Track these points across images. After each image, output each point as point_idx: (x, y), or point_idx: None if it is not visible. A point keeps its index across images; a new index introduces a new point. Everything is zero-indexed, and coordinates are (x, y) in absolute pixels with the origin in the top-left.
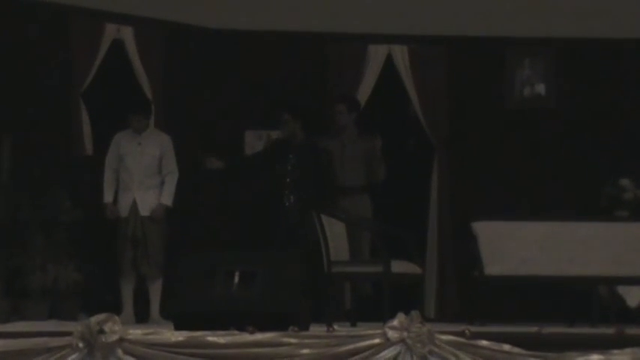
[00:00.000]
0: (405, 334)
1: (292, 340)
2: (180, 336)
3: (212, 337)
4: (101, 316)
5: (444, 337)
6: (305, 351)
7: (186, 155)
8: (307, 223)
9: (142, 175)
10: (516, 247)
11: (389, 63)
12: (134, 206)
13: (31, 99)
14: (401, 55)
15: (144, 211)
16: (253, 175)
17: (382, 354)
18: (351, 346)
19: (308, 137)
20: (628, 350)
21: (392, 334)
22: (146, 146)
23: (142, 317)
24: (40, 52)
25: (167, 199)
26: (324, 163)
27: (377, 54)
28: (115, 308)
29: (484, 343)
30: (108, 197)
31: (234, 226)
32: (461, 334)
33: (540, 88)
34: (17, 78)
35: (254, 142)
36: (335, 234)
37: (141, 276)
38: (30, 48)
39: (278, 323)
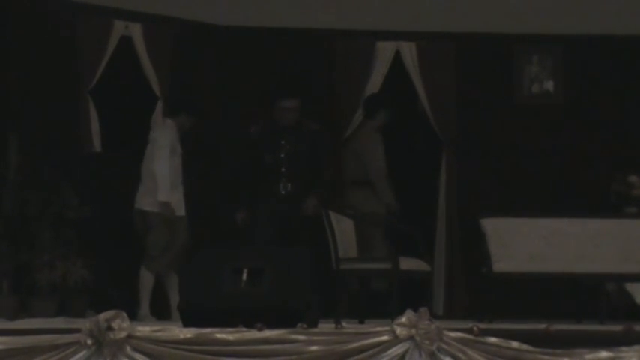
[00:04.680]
0: (414, 330)
1: (301, 337)
2: (188, 333)
3: (221, 334)
4: (109, 313)
5: (453, 334)
6: (313, 348)
7: (192, 152)
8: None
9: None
10: (525, 243)
11: (397, 60)
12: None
13: (39, 96)
14: (409, 52)
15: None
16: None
17: (390, 351)
18: (359, 343)
19: (299, 122)
20: (636, 347)
21: (400, 331)
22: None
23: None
24: (48, 48)
25: None
26: (321, 144)
27: (385, 51)
28: (124, 305)
29: (492, 339)
30: (167, 196)
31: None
32: (469, 330)
33: (549, 85)
34: (25, 74)
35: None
36: (343, 230)
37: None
38: (38, 44)
39: (286, 320)
